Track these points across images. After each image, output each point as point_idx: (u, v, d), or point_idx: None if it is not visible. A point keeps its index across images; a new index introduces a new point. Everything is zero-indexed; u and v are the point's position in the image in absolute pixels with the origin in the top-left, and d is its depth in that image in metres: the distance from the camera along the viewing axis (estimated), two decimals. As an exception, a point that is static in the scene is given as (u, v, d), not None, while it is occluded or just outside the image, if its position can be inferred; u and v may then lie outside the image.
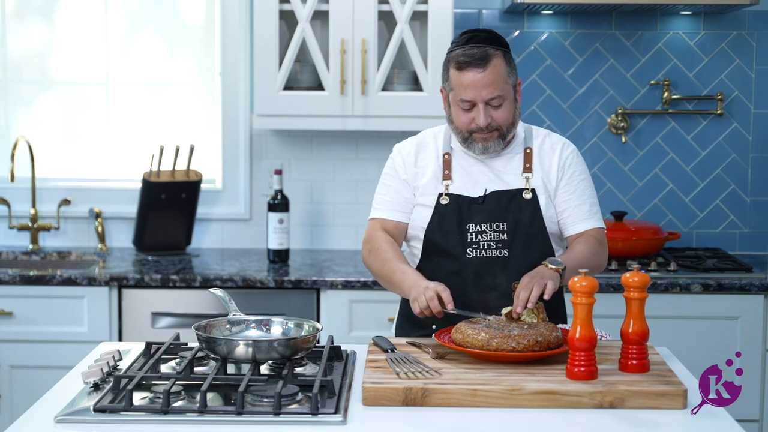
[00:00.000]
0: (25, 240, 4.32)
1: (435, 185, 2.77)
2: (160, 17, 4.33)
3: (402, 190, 2.81)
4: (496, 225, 2.72)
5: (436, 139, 2.84)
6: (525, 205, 2.73)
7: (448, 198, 2.74)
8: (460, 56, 2.67)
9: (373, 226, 2.84)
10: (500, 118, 2.69)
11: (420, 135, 2.89)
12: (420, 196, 2.78)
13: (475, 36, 2.70)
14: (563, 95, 4.25)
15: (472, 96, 2.65)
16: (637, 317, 2.31)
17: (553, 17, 4.21)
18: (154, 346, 2.57)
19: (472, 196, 2.74)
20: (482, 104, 2.66)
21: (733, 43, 4.21)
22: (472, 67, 2.65)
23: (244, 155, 4.29)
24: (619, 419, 2.13)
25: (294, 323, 2.51)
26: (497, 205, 2.73)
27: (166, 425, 2.08)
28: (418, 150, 2.83)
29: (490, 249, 2.71)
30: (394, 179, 2.83)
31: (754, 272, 3.78)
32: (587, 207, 2.78)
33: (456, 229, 2.72)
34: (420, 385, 2.20)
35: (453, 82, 2.70)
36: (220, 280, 3.74)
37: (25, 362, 3.76)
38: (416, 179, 2.80)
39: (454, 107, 2.72)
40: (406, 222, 2.82)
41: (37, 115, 4.38)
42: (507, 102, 2.69)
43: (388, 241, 2.79)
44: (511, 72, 2.70)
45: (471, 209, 2.73)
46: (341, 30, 3.91)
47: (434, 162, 2.80)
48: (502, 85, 2.67)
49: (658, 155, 4.26)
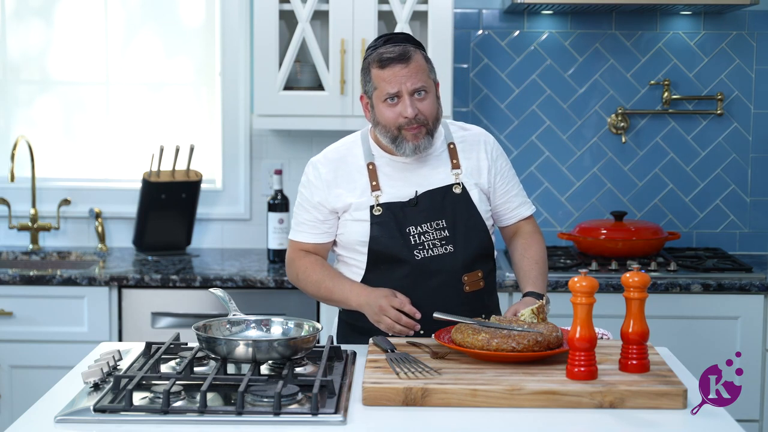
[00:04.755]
0: (25, 240, 4.32)
1: (365, 199, 2.75)
2: (160, 17, 4.33)
3: (316, 213, 2.79)
4: (435, 223, 2.74)
5: (352, 150, 2.82)
6: (457, 199, 2.76)
7: (381, 208, 2.73)
8: (382, 55, 2.69)
9: (294, 249, 2.84)
10: (426, 110, 2.69)
11: (333, 148, 2.85)
12: (351, 212, 2.76)
13: (392, 38, 2.73)
14: (563, 95, 4.25)
15: (397, 88, 2.66)
16: (637, 317, 2.31)
17: (553, 17, 4.21)
18: (154, 346, 2.57)
19: (403, 200, 2.74)
20: (407, 96, 2.67)
21: (733, 43, 4.21)
22: (395, 62, 2.67)
23: (244, 155, 4.29)
24: (619, 419, 2.13)
25: (294, 323, 2.51)
26: (431, 204, 2.74)
27: (166, 425, 2.08)
28: (336, 166, 2.79)
29: (436, 247, 2.73)
30: (308, 201, 2.80)
31: (754, 272, 3.78)
32: (520, 195, 2.92)
33: (398, 235, 2.72)
34: (420, 385, 2.20)
35: (376, 80, 2.70)
36: (220, 280, 3.74)
37: (25, 362, 3.76)
38: (339, 198, 2.76)
39: (378, 106, 2.71)
40: (325, 241, 2.82)
41: (36, 115, 4.38)
42: (430, 96, 2.71)
43: (312, 262, 2.80)
44: (431, 69, 2.74)
45: (406, 213, 2.73)
46: (341, 30, 3.91)
47: (358, 175, 2.77)
48: (425, 78, 2.69)
49: (658, 155, 4.26)
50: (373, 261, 2.76)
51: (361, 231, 2.74)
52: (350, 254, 2.80)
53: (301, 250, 2.83)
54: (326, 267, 2.80)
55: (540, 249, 2.87)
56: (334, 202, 2.77)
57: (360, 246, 2.76)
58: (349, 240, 2.78)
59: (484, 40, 4.21)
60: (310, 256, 2.81)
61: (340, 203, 2.76)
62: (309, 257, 2.81)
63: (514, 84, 4.24)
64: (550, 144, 4.26)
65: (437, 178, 2.77)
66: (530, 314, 2.55)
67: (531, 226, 2.92)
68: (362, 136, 2.84)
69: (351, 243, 2.77)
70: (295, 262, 2.83)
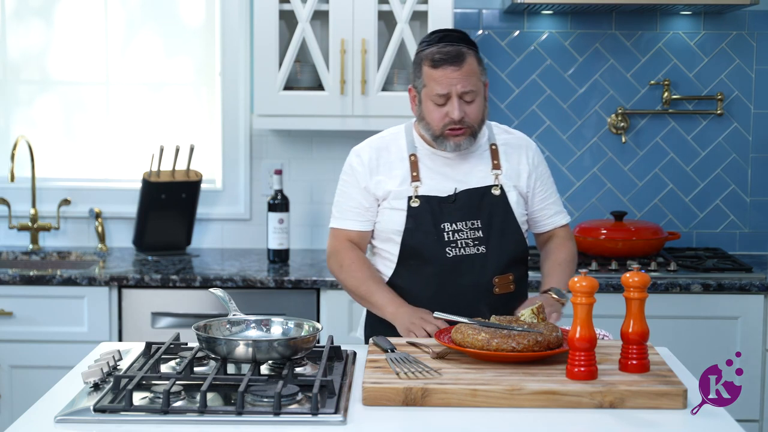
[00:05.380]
0: (25, 240, 4.32)
1: (404, 188, 2.77)
2: (160, 17, 4.33)
3: (361, 198, 2.81)
4: (470, 223, 2.75)
5: (397, 140, 2.84)
6: (495, 201, 2.77)
7: (419, 200, 2.75)
8: (435, 54, 2.70)
9: (338, 237, 2.85)
10: (472, 114, 2.72)
11: (377, 137, 2.88)
12: (390, 200, 2.78)
13: (447, 35, 2.73)
14: (563, 95, 4.25)
15: (447, 89, 2.68)
16: (637, 317, 2.31)
17: (553, 17, 4.21)
18: (154, 346, 2.57)
19: (442, 195, 2.76)
20: (456, 98, 2.69)
21: (733, 43, 4.21)
22: (447, 64, 2.68)
23: (244, 155, 4.29)
24: (619, 419, 2.13)
25: (294, 323, 2.51)
26: (469, 203, 2.76)
27: (166, 425, 2.08)
28: (378, 154, 2.82)
29: (468, 247, 2.74)
30: (353, 187, 2.83)
31: (754, 272, 3.78)
32: (558, 203, 2.93)
33: (432, 230, 2.74)
34: (420, 385, 2.20)
35: (426, 78, 2.72)
36: (220, 280, 3.74)
37: (25, 362, 3.76)
38: (379, 185, 2.79)
39: (426, 104, 2.73)
40: (369, 230, 2.84)
41: (36, 115, 4.38)
42: (479, 99, 2.73)
43: (359, 258, 2.82)
44: (482, 71, 2.75)
45: (443, 209, 2.75)
46: (341, 30, 3.91)
47: (399, 164, 2.80)
48: (475, 81, 2.71)
49: (658, 155, 4.26)
50: (405, 255, 2.78)
51: (398, 220, 2.77)
52: (384, 245, 2.83)
53: (346, 241, 2.84)
54: (371, 269, 2.83)
55: (566, 254, 2.89)
56: (374, 189, 2.80)
57: (395, 236, 2.78)
58: (384, 229, 2.80)
59: (484, 40, 4.21)
60: (356, 251, 2.83)
61: (381, 190, 2.79)
62: (355, 251, 2.83)
63: (514, 84, 4.24)
64: (550, 144, 4.26)
65: (477, 176, 2.79)
66: (530, 314, 2.55)
67: (564, 234, 2.94)
68: (406, 128, 2.86)
69: (386, 232, 2.80)
70: (340, 254, 2.84)
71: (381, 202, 2.81)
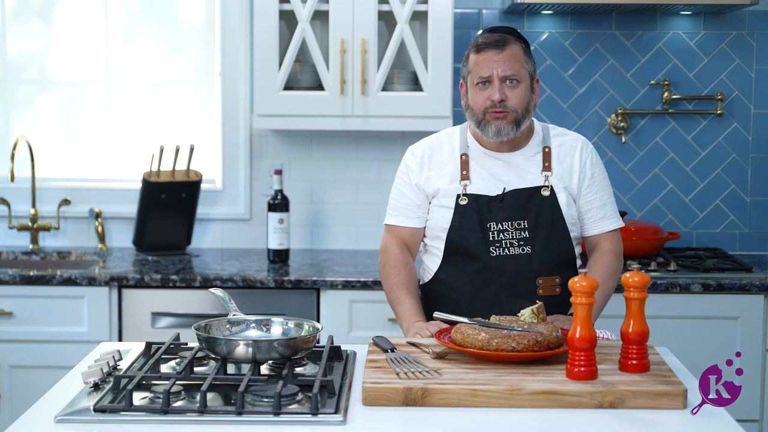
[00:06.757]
0: (25, 240, 4.32)
1: (453, 186, 2.80)
2: (160, 17, 4.33)
3: (413, 196, 2.85)
4: (517, 223, 2.75)
5: (450, 139, 2.87)
6: (544, 202, 2.77)
7: (467, 198, 2.77)
8: (479, 40, 2.75)
9: (390, 236, 2.90)
10: (514, 99, 2.72)
11: (433, 136, 2.91)
12: (439, 198, 2.81)
13: (498, 28, 2.78)
14: (563, 95, 4.25)
15: (489, 72, 2.71)
16: (637, 317, 2.31)
17: (553, 17, 4.21)
18: (154, 346, 2.57)
19: (490, 195, 2.77)
20: (497, 80, 2.71)
21: (733, 43, 4.21)
22: (490, 48, 2.72)
23: (244, 155, 4.29)
24: (619, 419, 2.13)
25: (294, 323, 2.51)
26: (517, 203, 2.76)
27: (166, 425, 2.08)
28: (431, 152, 2.86)
29: (513, 247, 2.75)
30: (406, 184, 2.86)
31: (754, 272, 3.78)
32: (608, 207, 2.86)
33: (478, 228, 2.75)
34: (420, 385, 2.20)
35: (471, 65, 2.76)
36: (220, 280, 3.74)
37: (25, 362, 3.76)
38: (430, 182, 2.82)
39: (471, 90, 2.76)
40: (421, 227, 2.87)
41: (36, 115, 4.38)
42: (522, 86, 2.74)
43: (400, 261, 2.85)
44: (528, 60, 2.76)
45: (491, 208, 2.76)
46: (341, 30, 3.91)
47: (450, 163, 2.82)
48: (518, 67, 2.73)
49: (658, 155, 4.26)
50: (450, 252, 2.79)
51: (445, 218, 2.79)
52: (433, 242, 2.85)
53: (395, 239, 2.88)
54: (411, 278, 2.86)
55: (604, 271, 2.81)
56: (425, 185, 2.82)
57: (442, 233, 2.80)
58: (433, 226, 2.82)
59: (484, 40, 4.21)
60: (401, 252, 2.86)
61: (431, 187, 2.82)
62: (404, 255, 2.86)
63: (514, 84, 4.24)
64: (550, 144, 4.25)
65: (527, 178, 2.79)
66: (530, 314, 2.54)
67: (611, 244, 2.86)
68: (461, 128, 2.88)
69: (435, 230, 2.82)
70: (389, 250, 2.88)
71: (431, 200, 2.84)
